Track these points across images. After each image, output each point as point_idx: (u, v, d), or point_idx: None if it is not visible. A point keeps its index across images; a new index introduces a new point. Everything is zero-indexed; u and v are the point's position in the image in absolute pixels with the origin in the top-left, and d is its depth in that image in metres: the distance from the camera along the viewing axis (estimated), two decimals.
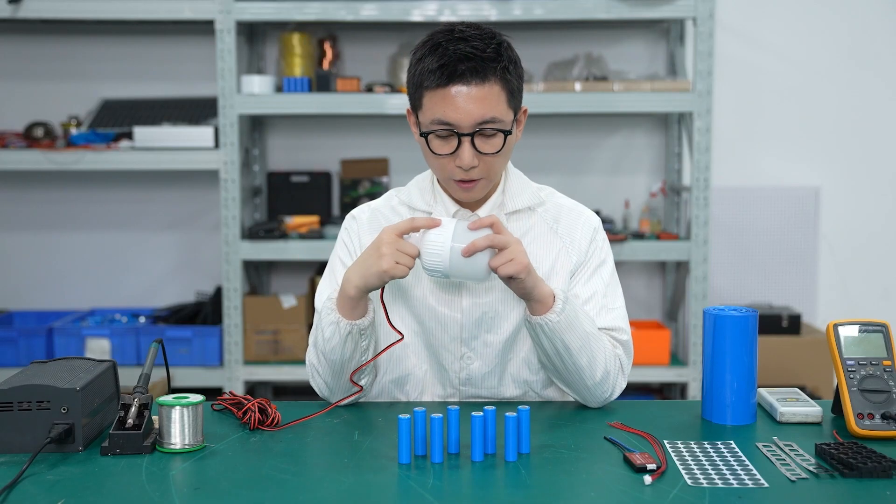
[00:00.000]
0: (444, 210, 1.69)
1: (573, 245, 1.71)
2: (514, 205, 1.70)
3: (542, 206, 1.73)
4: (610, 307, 1.71)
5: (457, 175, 1.60)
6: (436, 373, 1.70)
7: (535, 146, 3.94)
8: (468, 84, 1.54)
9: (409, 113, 1.69)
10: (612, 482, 1.25)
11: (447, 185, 1.65)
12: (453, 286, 1.67)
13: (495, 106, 1.56)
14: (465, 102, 1.54)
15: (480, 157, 1.58)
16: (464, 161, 1.56)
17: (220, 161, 3.51)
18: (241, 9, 3.46)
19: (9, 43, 3.97)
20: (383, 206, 1.76)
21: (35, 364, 1.50)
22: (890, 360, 1.48)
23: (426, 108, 1.58)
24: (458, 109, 1.54)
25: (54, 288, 4.05)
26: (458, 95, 1.54)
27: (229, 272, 3.53)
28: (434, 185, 1.72)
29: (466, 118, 1.55)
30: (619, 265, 3.98)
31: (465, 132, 1.55)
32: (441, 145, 1.58)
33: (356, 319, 1.57)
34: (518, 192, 1.72)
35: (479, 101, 1.54)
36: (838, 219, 3.98)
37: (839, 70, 3.95)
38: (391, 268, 1.50)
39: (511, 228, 1.68)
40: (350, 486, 1.25)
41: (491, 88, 1.55)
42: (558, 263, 1.70)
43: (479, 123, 1.55)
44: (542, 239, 1.71)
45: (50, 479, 1.26)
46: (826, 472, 1.27)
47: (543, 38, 3.92)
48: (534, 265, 1.61)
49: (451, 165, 1.59)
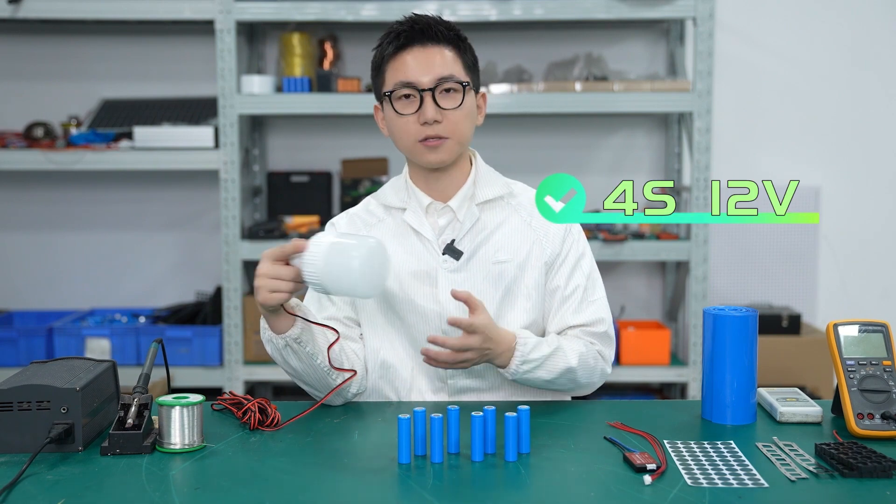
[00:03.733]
0: (418, 204, 1.74)
1: (547, 238, 1.75)
2: (485, 195, 1.75)
3: (514, 198, 1.78)
4: (590, 300, 1.76)
5: (422, 134, 1.67)
6: (423, 368, 1.71)
7: (536, 146, 3.94)
8: (424, 45, 1.67)
9: (376, 110, 1.78)
10: (612, 482, 1.25)
11: (414, 151, 1.70)
12: (429, 278, 1.71)
13: (451, 65, 1.68)
14: (421, 60, 1.67)
15: (443, 112, 1.66)
16: (426, 115, 1.65)
17: (220, 161, 3.51)
18: (241, 9, 3.46)
19: (9, 43, 3.97)
20: (360, 210, 1.83)
21: (35, 364, 1.50)
22: (890, 360, 1.48)
23: (388, 77, 1.69)
24: (417, 67, 1.66)
25: (54, 288, 4.05)
26: (414, 55, 1.67)
27: (229, 272, 3.53)
28: (407, 183, 1.78)
29: (425, 74, 1.66)
30: (619, 265, 4.02)
31: (425, 87, 1.66)
32: (405, 105, 1.68)
33: (285, 332, 1.59)
34: (488, 183, 1.77)
35: (434, 58, 1.67)
36: (838, 219, 3.98)
37: (839, 70, 3.95)
38: (265, 300, 1.52)
39: (484, 219, 1.74)
40: (350, 486, 1.25)
41: (444, 51, 1.68)
42: (532, 255, 1.74)
43: (437, 79, 1.66)
44: (516, 231, 1.75)
45: (50, 479, 1.26)
46: (826, 472, 1.27)
47: (543, 38, 3.92)
48: (508, 258, 1.71)
49: (416, 126, 1.67)
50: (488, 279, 1.71)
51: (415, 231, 1.73)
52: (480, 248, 1.72)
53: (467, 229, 1.72)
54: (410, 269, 1.71)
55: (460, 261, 1.70)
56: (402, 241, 1.74)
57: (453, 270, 1.71)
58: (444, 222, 1.74)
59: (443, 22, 1.70)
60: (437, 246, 1.72)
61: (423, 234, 1.72)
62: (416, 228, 1.73)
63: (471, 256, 1.71)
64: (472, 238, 1.72)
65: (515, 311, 1.72)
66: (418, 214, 1.73)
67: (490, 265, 1.71)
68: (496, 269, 1.71)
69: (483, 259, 1.72)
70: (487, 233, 1.73)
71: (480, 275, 1.71)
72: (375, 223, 1.78)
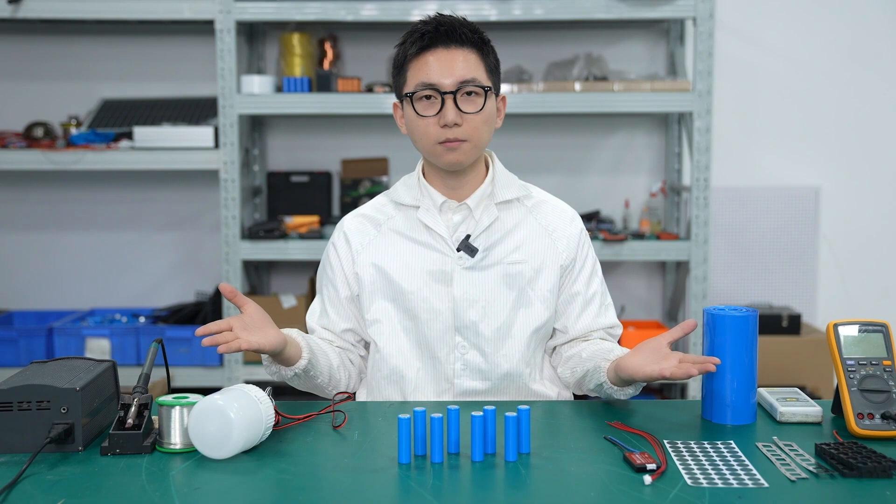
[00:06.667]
0: (432, 202, 1.73)
1: (561, 242, 1.76)
2: (504, 195, 1.76)
3: (529, 199, 1.80)
4: (608, 304, 1.81)
5: (441, 136, 1.67)
6: (429, 369, 1.71)
7: (536, 146, 3.94)
8: (447, 47, 1.67)
9: (395, 107, 1.78)
10: (612, 482, 1.25)
11: (433, 152, 1.70)
12: (443, 276, 1.71)
13: (474, 69, 1.67)
14: (444, 62, 1.66)
15: (463, 116, 1.66)
16: (447, 118, 1.65)
17: (220, 161, 3.51)
18: (241, 9, 3.46)
19: (9, 43, 3.97)
20: (370, 209, 1.83)
21: (35, 364, 1.50)
22: (890, 360, 1.48)
23: (410, 77, 1.68)
24: (439, 69, 1.66)
25: (54, 288, 4.05)
26: (438, 57, 1.66)
27: (229, 272, 3.53)
28: (420, 181, 1.77)
29: (447, 76, 1.65)
30: (619, 265, 4.02)
31: (447, 90, 1.65)
32: (426, 107, 1.67)
33: (292, 365, 1.66)
34: (507, 184, 1.77)
35: (457, 61, 1.66)
36: (838, 219, 3.98)
37: (839, 70, 3.95)
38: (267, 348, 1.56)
39: (501, 219, 1.74)
40: (350, 486, 1.25)
41: (468, 54, 1.67)
42: (549, 259, 1.75)
43: (459, 82, 1.66)
44: (532, 233, 1.75)
45: (50, 479, 1.26)
46: (826, 472, 1.27)
47: (543, 38, 3.92)
48: (525, 258, 1.72)
49: (436, 128, 1.67)
50: (503, 279, 1.71)
51: (428, 228, 1.73)
52: (496, 248, 1.72)
53: (484, 227, 1.72)
54: (424, 267, 1.71)
55: (475, 259, 1.70)
56: (414, 238, 1.74)
57: (468, 268, 1.71)
58: (459, 219, 1.74)
59: (467, 24, 1.70)
60: (451, 243, 1.71)
61: (437, 231, 1.72)
62: (430, 226, 1.72)
63: (486, 255, 1.71)
64: (487, 237, 1.72)
65: (528, 313, 1.72)
66: (432, 212, 1.73)
67: (506, 265, 1.71)
68: (512, 270, 1.71)
69: (498, 258, 1.72)
70: (503, 233, 1.73)
71: (495, 274, 1.71)
72: (385, 220, 1.78)
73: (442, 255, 1.71)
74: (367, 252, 1.75)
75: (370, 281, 1.74)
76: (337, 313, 1.78)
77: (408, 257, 1.72)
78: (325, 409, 1.55)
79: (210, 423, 1.32)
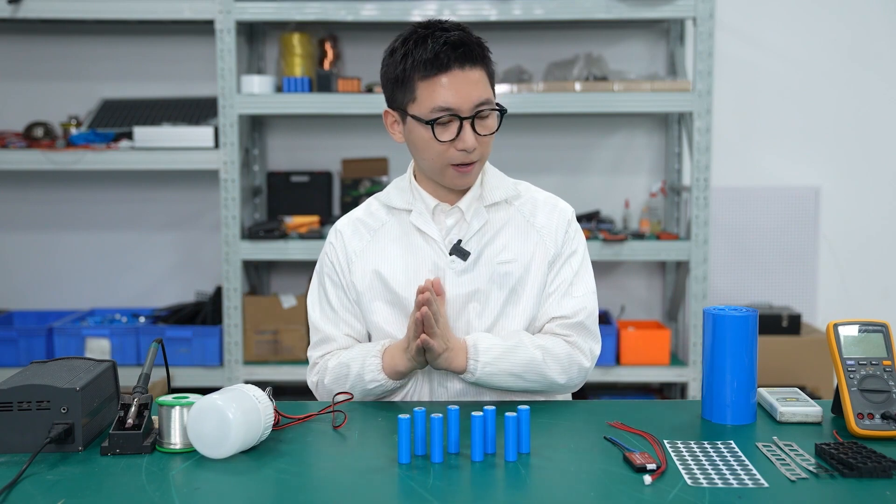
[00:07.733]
0: (424, 206, 1.73)
1: (549, 236, 1.75)
2: (493, 197, 1.75)
3: (518, 199, 1.79)
4: (572, 295, 1.74)
5: (457, 159, 1.65)
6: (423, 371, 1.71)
7: (536, 146, 3.94)
8: (463, 68, 1.62)
9: (387, 114, 1.73)
10: (612, 482, 1.25)
11: (443, 173, 1.69)
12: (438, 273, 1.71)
13: (485, 88, 1.65)
14: (463, 86, 1.61)
15: (479, 138, 1.65)
16: (467, 143, 1.63)
17: (220, 161, 3.51)
18: (241, 9, 3.46)
19: (9, 43, 3.97)
20: (362, 213, 1.81)
21: (35, 364, 1.50)
22: (890, 360, 1.48)
23: (422, 98, 1.63)
24: (458, 93, 1.61)
25: (54, 288, 4.05)
26: (456, 80, 1.61)
27: (229, 272, 3.53)
28: (412, 184, 1.76)
29: (466, 101, 1.62)
30: (619, 265, 4.02)
31: (466, 115, 1.62)
32: (444, 132, 1.64)
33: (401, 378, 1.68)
34: (496, 186, 1.76)
35: (474, 84, 1.63)
36: (838, 219, 3.98)
37: (839, 70, 3.95)
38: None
39: (490, 220, 1.74)
40: (350, 486, 1.25)
41: (480, 72, 1.65)
42: (537, 255, 1.74)
43: (476, 106, 1.63)
44: (520, 231, 1.75)
45: (50, 479, 1.26)
46: (826, 472, 1.27)
47: (543, 38, 3.92)
48: (513, 258, 1.72)
49: (451, 151, 1.65)
50: (494, 280, 1.71)
51: (420, 232, 1.73)
52: (486, 249, 1.72)
53: (475, 231, 1.72)
54: (418, 271, 1.71)
55: (467, 262, 1.70)
56: (408, 242, 1.73)
57: (460, 272, 1.71)
58: (452, 222, 1.73)
59: (477, 41, 1.65)
60: (443, 247, 1.71)
61: (429, 234, 1.72)
62: (423, 229, 1.72)
63: (477, 257, 1.71)
64: (478, 239, 1.72)
65: (518, 311, 1.72)
66: (424, 216, 1.73)
67: (495, 265, 1.71)
68: (501, 270, 1.71)
69: (488, 260, 1.72)
70: (492, 234, 1.73)
71: (486, 276, 1.71)
72: (379, 227, 1.77)
73: (434, 259, 1.71)
74: (364, 257, 1.75)
75: (368, 286, 1.74)
76: (354, 317, 1.78)
77: (402, 261, 1.72)
78: (325, 410, 1.55)
79: (208, 423, 1.32)
